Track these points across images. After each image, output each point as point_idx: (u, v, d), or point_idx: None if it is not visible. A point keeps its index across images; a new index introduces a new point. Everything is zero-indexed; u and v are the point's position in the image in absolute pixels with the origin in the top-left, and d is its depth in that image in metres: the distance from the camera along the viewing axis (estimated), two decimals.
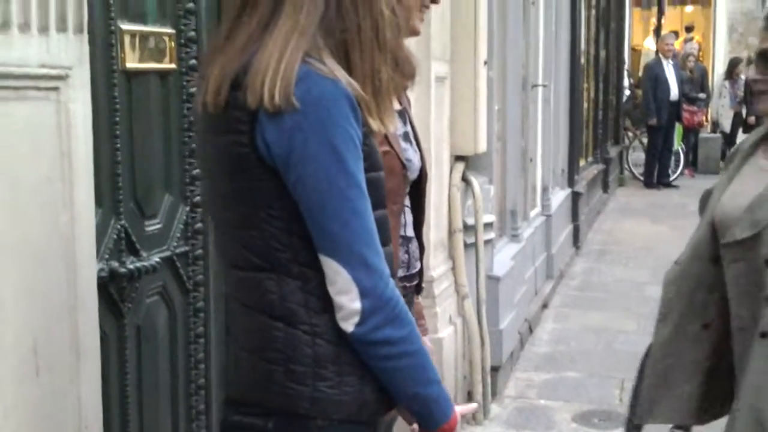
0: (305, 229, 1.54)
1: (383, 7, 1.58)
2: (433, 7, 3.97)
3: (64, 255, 1.75)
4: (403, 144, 2.16)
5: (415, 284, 2.37)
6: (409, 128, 2.29)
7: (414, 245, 2.33)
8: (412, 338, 1.59)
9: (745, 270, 2.26)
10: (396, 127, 2.12)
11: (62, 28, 1.71)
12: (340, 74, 1.52)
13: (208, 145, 1.60)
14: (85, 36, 1.82)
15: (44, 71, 1.68)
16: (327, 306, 1.56)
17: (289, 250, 1.55)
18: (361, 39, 1.57)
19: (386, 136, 2.05)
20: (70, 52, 1.75)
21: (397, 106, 2.24)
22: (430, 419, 1.67)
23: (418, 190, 2.30)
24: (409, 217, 2.30)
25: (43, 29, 1.66)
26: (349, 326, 1.54)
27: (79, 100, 1.77)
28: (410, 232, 2.31)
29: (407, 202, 2.28)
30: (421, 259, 2.37)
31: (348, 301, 1.53)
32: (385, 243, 1.60)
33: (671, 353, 2.43)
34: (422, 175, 2.29)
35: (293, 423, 1.59)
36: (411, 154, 2.18)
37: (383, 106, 1.61)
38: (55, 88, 1.72)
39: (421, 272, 2.39)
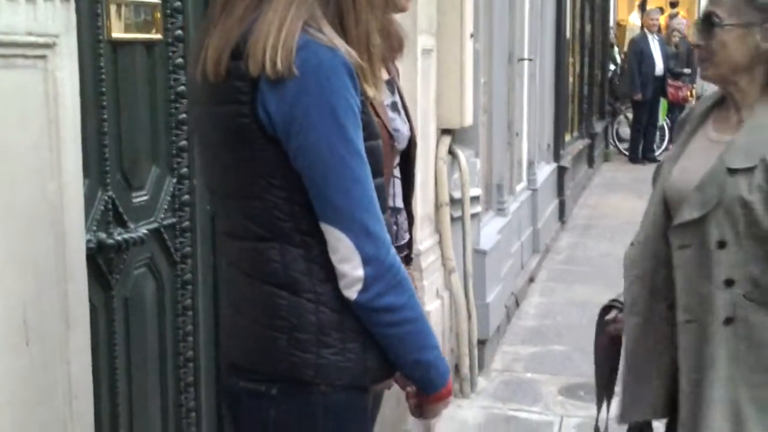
0: (307, 198, 1.55)
1: None
2: None
3: (53, 224, 1.75)
4: (391, 114, 2.15)
5: (404, 255, 2.38)
6: (397, 98, 2.28)
7: (403, 216, 2.32)
8: (413, 304, 1.62)
9: (694, 256, 2.18)
10: (384, 96, 2.12)
11: None
12: (339, 43, 1.53)
13: (207, 115, 1.61)
14: (72, 4, 1.81)
15: (32, 39, 1.67)
16: (330, 274, 1.58)
17: (291, 219, 1.57)
18: (356, 7, 1.59)
19: (373, 106, 2.06)
20: (57, 20, 1.74)
21: (385, 75, 2.23)
22: (429, 384, 1.71)
23: (407, 160, 2.29)
24: (398, 188, 2.29)
25: None
26: (352, 294, 1.57)
27: (66, 69, 1.76)
28: (399, 203, 2.31)
29: (396, 172, 2.28)
30: (410, 230, 2.37)
31: (350, 269, 1.56)
32: (383, 210, 1.62)
33: (642, 346, 2.34)
34: (411, 145, 2.28)
35: (297, 389, 1.62)
36: (399, 124, 2.17)
37: (377, 72, 1.63)
38: (43, 56, 1.71)
39: (410, 243, 2.39)
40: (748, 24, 2.16)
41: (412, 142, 2.28)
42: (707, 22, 2.21)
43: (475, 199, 4.84)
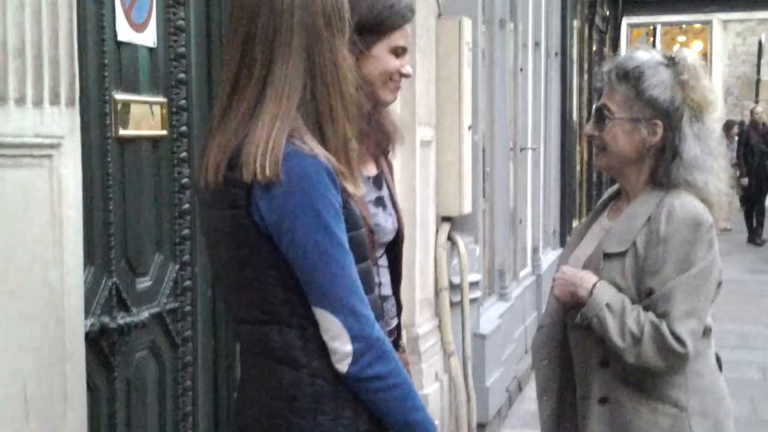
0: (300, 286, 1.76)
1: (350, 88, 1.83)
2: (419, 74, 4.18)
3: (53, 308, 1.90)
4: (373, 209, 2.28)
5: (392, 340, 2.47)
6: (385, 192, 2.40)
7: (390, 303, 2.43)
8: (398, 371, 1.82)
9: (581, 335, 2.28)
10: (366, 192, 2.26)
11: (55, 101, 1.87)
12: (319, 150, 1.75)
13: (210, 217, 1.84)
14: (77, 108, 1.97)
15: (38, 140, 1.84)
16: (324, 351, 1.78)
17: (288, 304, 1.78)
18: (333, 117, 1.80)
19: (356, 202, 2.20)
20: (63, 123, 1.91)
21: (373, 171, 2.38)
22: None
23: (394, 251, 2.42)
24: (384, 277, 2.41)
25: (38, 102, 1.83)
26: (343, 367, 1.77)
27: (70, 167, 1.93)
28: (386, 291, 2.42)
29: (383, 261, 2.40)
30: (398, 316, 2.48)
31: (340, 345, 1.76)
32: (369, 292, 1.84)
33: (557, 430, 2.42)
34: (398, 238, 2.41)
35: None
36: (381, 218, 2.29)
37: (355, 173, 1.85)
38: (48, 156, 1.88)
39: (398, 329, 2.50)
40: (635, 119, 2.27)
41: (399, 234, 2.41)
42: (600, 115, 2.32)
43: (474, 285, 4.95)
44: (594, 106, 2.42)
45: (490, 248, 5.83)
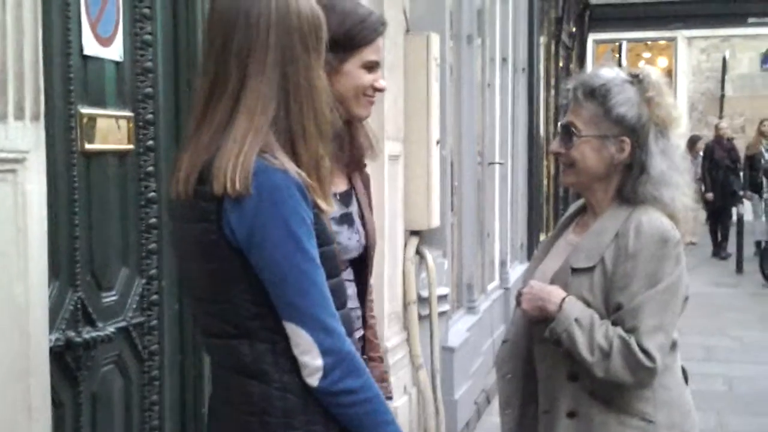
0: (270, 300, 1.76)
1: (324, 108, 1.84)
2: (387, 89, 4.19)
3: (18, 323, 1.89)
4: (336, 227, 2.27)
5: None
6: (353, 208, 2.41)
7: (354, 315, 2.45)
8: (369, 385, 1.82)
9: (548, 349, 2.30)
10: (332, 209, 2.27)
11: (20, 116, 1.87)
12: (290, 166, 1.76)
13: (180, 230, 1.84)
14: (42, 122, 1.97)
15: (2, 155, 1.84)
16: (294, 365, 1.78)
17: (258, 318, 1.78)
18: (305, 135, 1.81)
19: None
20: (27, 137, 1.91)
21: (342, 186, 2.39)
22: None
23: (361, 266, 2.43)
24: (349, 289, 2.42)
25: (2, 117, 1.83)
26: (314, 381, 1.77)
27: (35, 182, 1.93)
28: (351, 303, 2.43)
29: (347, 276, 2.40)
30: (364, 327, 2.49)
31: (311, 360, 1.76)
32: (341, 306, 1.84)
33: None
34: (367, 253, 2.42)
35: None
36: (343, 237, 2.29)
37: (326, 190, 1.86)
38: (13, 171, 1.87)
39: (364, 341, 2.50)
40: (603, 136, 2.30)
41: (367, 250, 2.41)
42: (566, 132, 2.34)
43: (443, 298, 4.97)
44: (560, 123, 2.43)
45: (459, 262, 5.86)
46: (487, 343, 6.42)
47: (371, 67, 2.25)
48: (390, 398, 2.56)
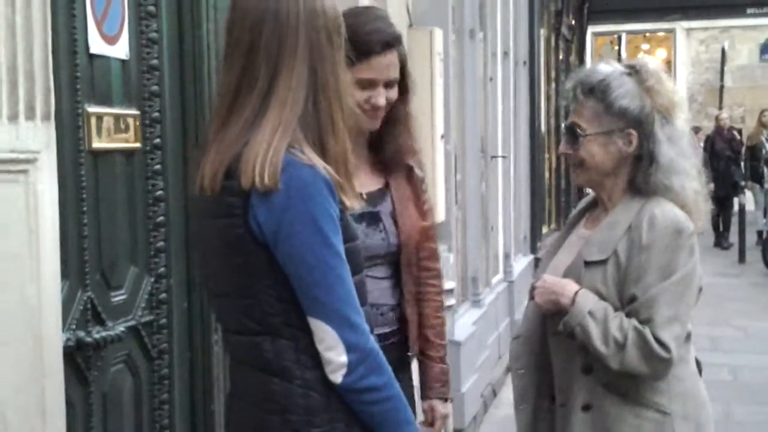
0: (294, 296, 1.76)
1: (349, 103, 1.88)
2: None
3: (31, 325, 1.88)
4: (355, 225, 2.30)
5: (390, 343, 2.49)
6: (382, 208, 2.42)
7: (380, 311, 2.46)
8: (391, 383, 1.83)
9: (562, 342, 2.30)
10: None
11: (30, 116, 1.86)
12: (317, 161, 1.77)
13: (204, 226, 1.84)
14: (52, 123, 1.96)
15: (14, 156, 1.83)
16: (317, 362, 1.79)
17: (282, 314, 1.78)
18: (335, 129, 1.82)
19: None
20: (38, 138, 1.90)
21: (375, 185, 2.40)
22: None
23: (396, 263, 2.45)
24: (380, 286, 2.44)
25: (13, 117, 1.81)
26: (337, 378, 1.77)
27: (46, 182, 1.91)
28: (384, 300, 2.45)
29: (378, 273, 2.42)
30: (405, 325, 2.51)
31: (335, 356, 1.76)
32: (364, 303, 1.84)
33: None
34: (398, 250, 2.43)
35: None
36: (361, 234, 2.31)
37: (353, 186, 1.87)
38: (24, 171, 1.86)
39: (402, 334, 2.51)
40: (608, 132, 2.29)
41: (398, 248, 2.43)
42: (572, 133, 2.33)
43: (448, 292, 4.95)
44: (563, 125, 2.44)
45: (463, 256, 5.85)
46: (492, 336, 6.42)
47: (365, 84, 2.27)
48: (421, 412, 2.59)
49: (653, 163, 2.28)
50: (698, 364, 2.41)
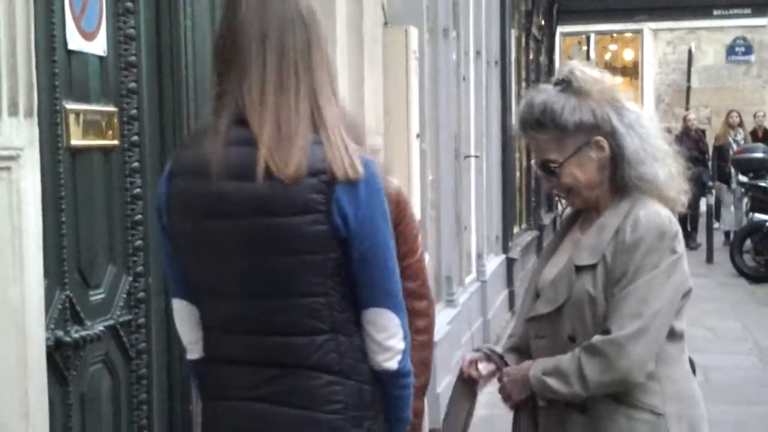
0: (352, 293, 1.84)
1: None
2: (367, 83, 4.20)
3: (14, 325, 1.85)
4: None
5: None
6: None
7: None
8: None
9: (548, 346, 2.30)
10: None
11: (14, 112, 1.83)
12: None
13: (254, 226, 1.81)
14: (35, 119, 1.93)
15: None
16: (364, 356, 1.86)
17: (346, 312, 1.84)
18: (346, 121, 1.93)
19: None
20: (21, 134, 1.87)
21: None
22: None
23: None
24: None
25: None
26: (393, 364, 1.85)
27: (29, 179, 1.89)
28: None
29: None
30: None
31: (395, 343, 1.84)
32: None
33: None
34: None
35: None
36: None
37: None
38: (7, 168, 1.83)
39: None
40: (578, 150, 2.28)
41: None
42: (547, 170, 2.33)
43: None
44: (534, 167, 2.44)
45: (437, 255, 5.85)
46: (466, 335, 6.43)
47: None
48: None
49: (624, 159, 2.28)
50: (692, 364, 2.41)
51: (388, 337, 1.83)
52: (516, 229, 9.89)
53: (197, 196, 1.86)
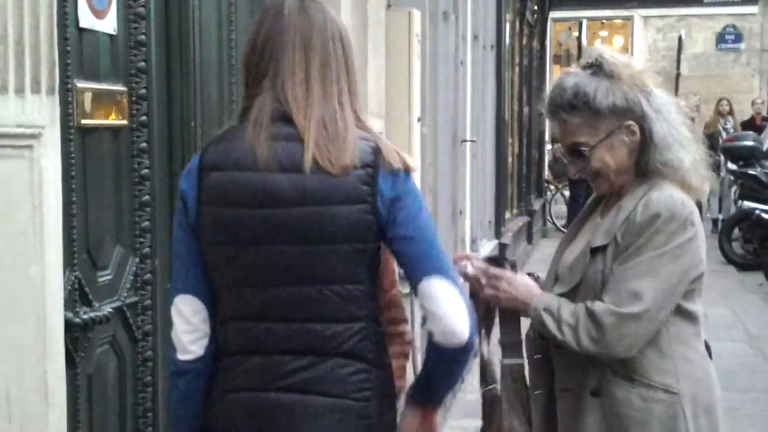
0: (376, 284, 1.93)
1: None
2: (370, 65, 4.17)
3: (34, 305, 1.82)
4: None
5: None
6: None
7: None
8: None
9: None
10: None
11: (36, 89, 1.80)
12: None
13: (308, 212, 1.88)
14: (56, 97, 1.91)
15: (20, 130, 1.77)
16: (385, 347, 1.95)
17: (376, 301, 1.92)
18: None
19: None
20: (43, 112, 1.85)
21: None
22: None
23: None
24: None
25: (19, 91, 1.75)
26: (464, 337, 1.87)
27: (50, 158, 1.86)
28: None
29: None
30: None
31: (457, 315, 1.86)
32: None
33: (548, 422, 2.42)
34: None
35: None
36: None
37: None
38: (29, 146, 1.81)
39: None
40: (610, 134, 2.28)
41: None
42: (576, 153, 2.32)
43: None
44: (561, 152, 2.46)
45: None
46: None
47: None
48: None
49: (652, 144, 2.28)
50: (708, 347, 2.42)
51: (448, 308, 1.84)
52: (507, 215, 9.89)
53: (242, 187, 1.90)
